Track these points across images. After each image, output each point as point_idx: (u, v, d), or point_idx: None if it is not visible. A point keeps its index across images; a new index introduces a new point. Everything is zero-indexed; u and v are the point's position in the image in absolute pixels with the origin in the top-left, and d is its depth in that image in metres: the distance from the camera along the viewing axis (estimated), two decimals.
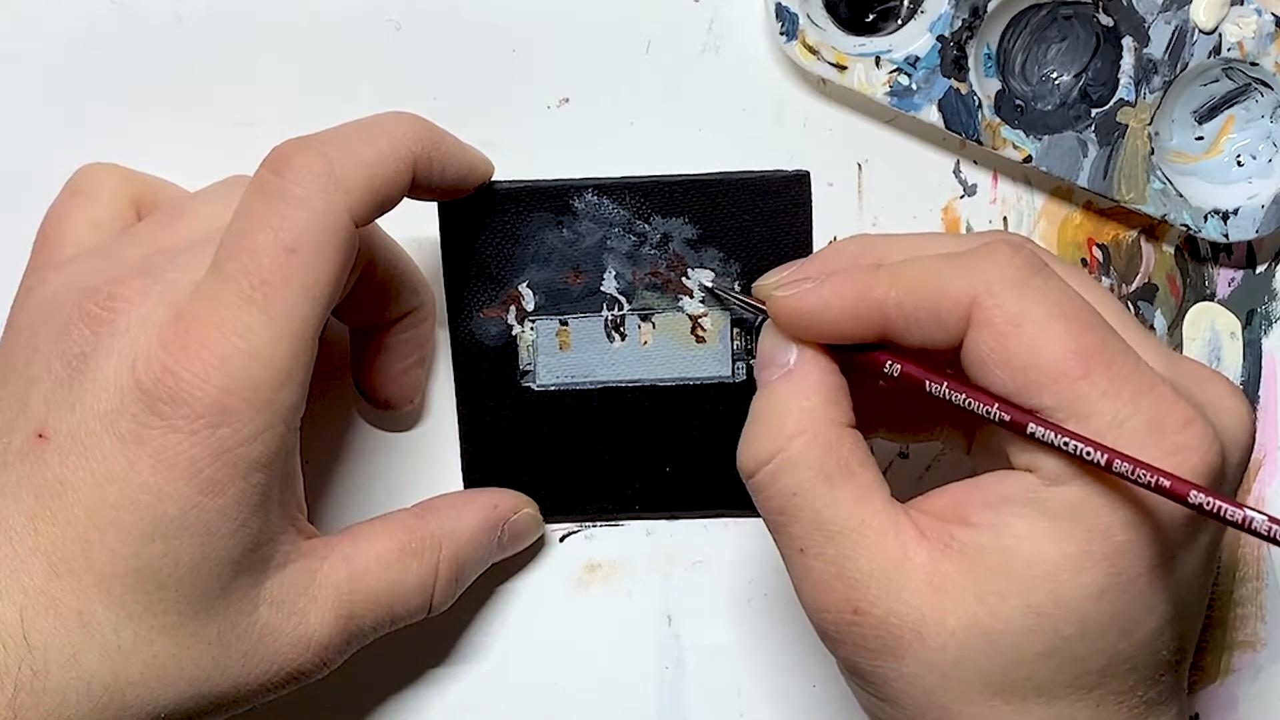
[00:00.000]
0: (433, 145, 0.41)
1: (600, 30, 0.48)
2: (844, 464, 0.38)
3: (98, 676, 0.37)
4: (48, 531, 0.37)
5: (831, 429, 0.38)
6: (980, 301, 0.37)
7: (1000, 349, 0.36)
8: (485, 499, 0.46)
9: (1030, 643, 0.36)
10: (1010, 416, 0.36)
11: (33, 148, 0.48)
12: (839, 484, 0.38)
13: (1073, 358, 0.36)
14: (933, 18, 0.47)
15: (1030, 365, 0.36)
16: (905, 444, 0.49)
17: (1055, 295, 0.37)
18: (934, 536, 0.37)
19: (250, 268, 0.37)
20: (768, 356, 0.40)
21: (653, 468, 0.48)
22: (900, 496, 0.39)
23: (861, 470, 0.38)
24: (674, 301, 0.46)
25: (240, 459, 0.37)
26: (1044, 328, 0.36)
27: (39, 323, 0.40)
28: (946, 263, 0.38)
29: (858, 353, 0.39)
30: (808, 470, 0.38)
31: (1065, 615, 0.36)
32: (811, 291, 0.39)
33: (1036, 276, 0.37)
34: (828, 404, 0.39)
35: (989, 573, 0.36)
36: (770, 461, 0.38)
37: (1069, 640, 0.36)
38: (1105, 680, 0.37)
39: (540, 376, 0.47)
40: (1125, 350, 0.36)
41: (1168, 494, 0.34)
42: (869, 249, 0.40)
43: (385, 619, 0.42)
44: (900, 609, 0.37)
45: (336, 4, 0.48)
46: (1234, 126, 0.48)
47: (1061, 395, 0.36)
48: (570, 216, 0.46)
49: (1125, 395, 0.36)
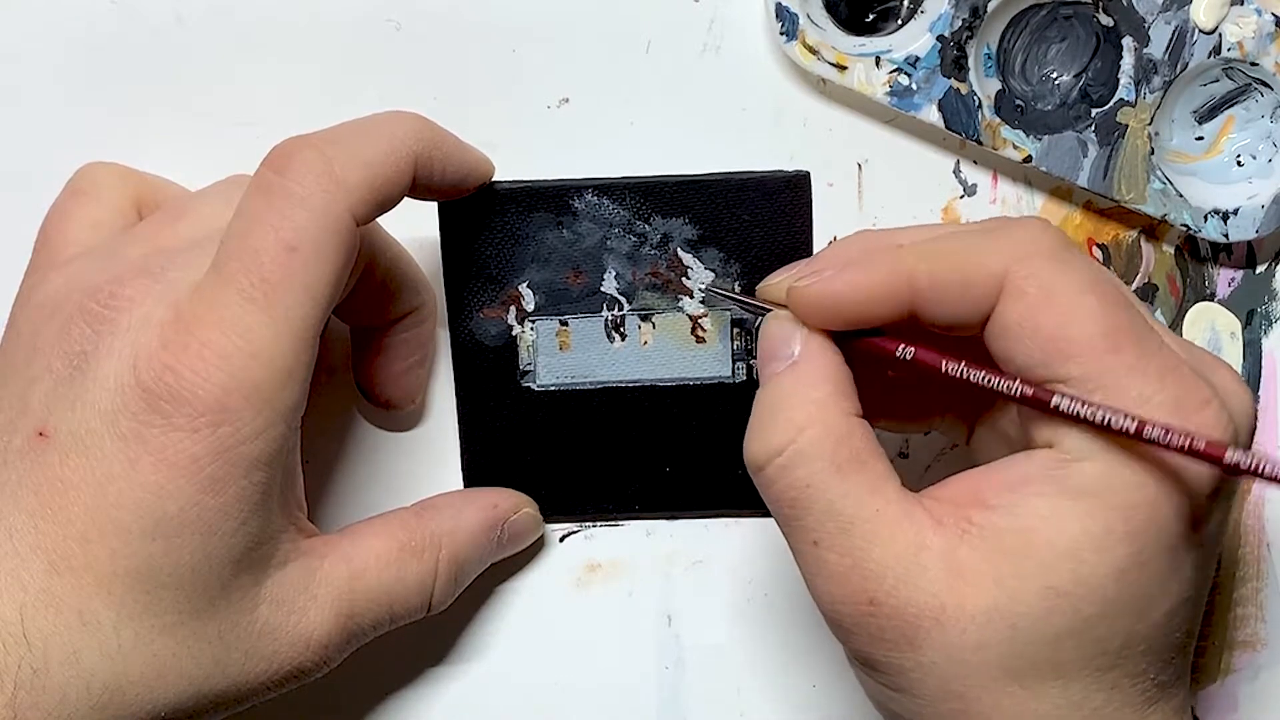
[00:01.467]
0: (433, 145, 0.41)
1: (600, 30, 0.48)
2: (856, 454, 0.38)
3: (98, 675, 0.37)
4: (48, 530, 0.37)
5: (842, 420, 0.38)
6: (1014, 272, 0.37)
7: (1031, 319, 0.36)
8: (485, 498, 0.46)
9: (1051, 624, 0.36)
10: (1033, 392, 0.36)
11: (33, 148, 0.48)
12: (851, 475, 0.38)
13: (1104, 332, 0.36)
14: (933, 18, 0.47)
15: (1061, 336, 0.36)
16: (905, 435, 0.49)
17: (1088, 271, 0.37)
18: (950, 522, 0.37)
19: (251, 267, 0.37)
20: (771, 350, 0.40)
21: (653, 468, 0.48)
22: None
23: (873, 460, 0.38)
24: (674, 302, 0.46)
25: (241, 457, 0.37)
26: (1077, 301, 0.36)
27: (40, 322, 0.40)
28: (977, 235, 0.38)
29: (868, 338, 0.39)
30: (820, 462, 0.38)
31: (1086, 595, 0.36)
32: (836, 276, 0.39)
33: (1069, 251, 0.37)
34: (836, 395, 0.38)
35: (1009, 555, 0.36)
36: (781, 454, 0.38)
37: (1089, 621, 0.36)
38: (1121, 662, 0.37)
39: (540, 376, 0.47)
40: (1151, 330, 0.37)
41: (1203, 456, 0.35)
42: (875, 240, 0.40)
43: (385, 617, 0.42)
44: (918, 597, 0.37)
45: (336, 4, 0.48)
46: (1234, 126, 0.48)
47: (1089, 367, 0.36)
48: (570, 217, 0.46)
49: (1152, 373, 0.36)
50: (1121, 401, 0.36)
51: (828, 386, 0.39)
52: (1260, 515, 0.50)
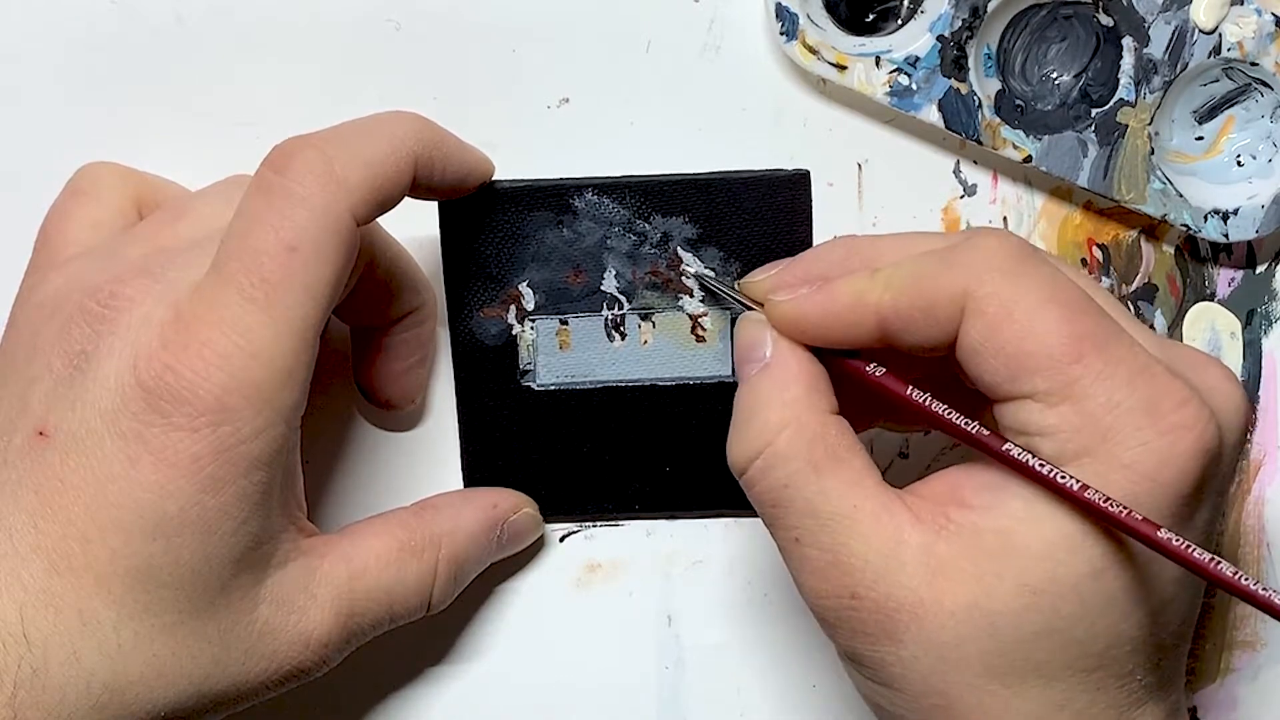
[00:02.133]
0: (434, 145, 0.41)
1: (600, 30, 0.48)
2: (831, 451, 0.38)
3: (97, 674, 0.37)
4: (48, 529, 0.37)
5: (815, 418, 0.39)
6: (972, 292, 0.37)
7: (993, 337, 0.36)
8: (485, 498, 0.46)
9: (1029, 623, 0.36)
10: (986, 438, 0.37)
11: (33, 148, 0.48)
12: (828, 472, 0.38)
13: (1067, 342, 0.36)
14: (933, 18, 0.47)
15: (1024, 351, 0.36)
16: (906, 435, 0.49)
17: (1048, 280, 0.37)
18: (929, 519, 0.37)
19: (251, 267, 0.37)
20: (745, 352, 0.41)
21: (653, 467, 0.48)
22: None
23: (850, 456, 0.38)
24: (674, 301, 0.46)
25: (241, 457, 0.37)
26: (1037, 313, 0.36)
27: (40, 321, 0.40)
28: (936, 259, 0.38)
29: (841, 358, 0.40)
30: (796, 461, 0.38)
31: (1063, 594, 0.36)
32: (808, 298, 0.39)
33: (1027, 262, 0.37)
34: (809, 393, 0.39)
35: (986, 554, 0.36)
36: (759, 457, 0.39)
37: (1068, 620, 0.36)
38: (1105, 663, 0.37)
39: (540, 376, 0.47)
40: (1119, 333, 0.37)
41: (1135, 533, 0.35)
42: (856, 250, 0.40)
43: (384, 617, 0.42)
44: (897, 592, 0.37)
45: (336, 4, 0.48)
46: (1234, 126, 0.48)
47: (1056, 379, 0.36)
48: (570, 216, 0.46)
49: (1120, 377, 0.36)
50: (1092, 409, 0.36)
51: (799, 386, 0.39)
52: (1260, 515, 0.50)
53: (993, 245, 0.37)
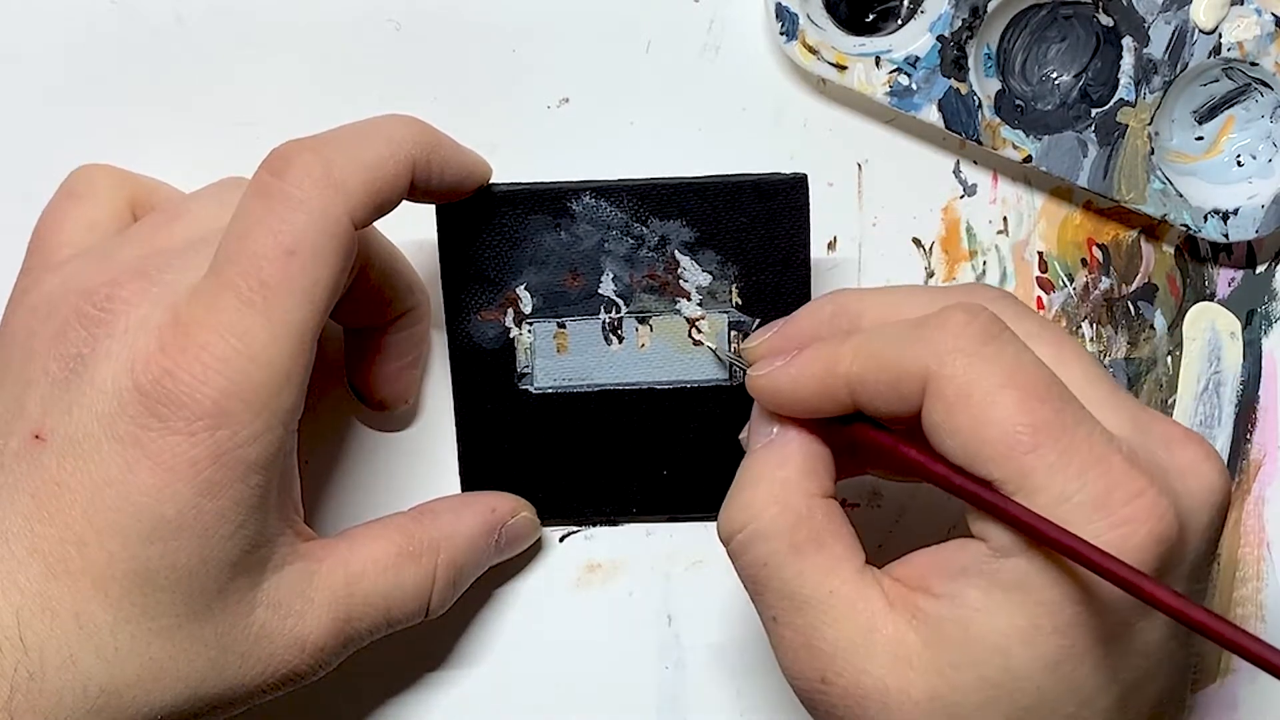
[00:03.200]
0: (431, 148, 0.41)
1: (600, 30, 0.48)
2: (814, 536, 0.38)
3: (94, 678, 0.37)
4: (45, 533, 0.37)
5: (803, 500, 0.39)
6: (934, 372, 0.36)
7: (949, 421, 0.36)
8: (483, 502, 0.46)
9: (989, 715, 0.36)
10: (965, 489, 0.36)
11: (33, 148, 0.48)
12: (808, 555, 0.38)
13: (1020, 430, 0.35)
14: (933, 18, 0.47)
15: (979, 438, 0.36)
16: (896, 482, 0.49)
17: (1008, 363, 0.36)
18: (901, 607, 0.37)
19: (250, 270, 0.37)
20: (756, 425, 0.41)
21: (650, 471, 0.48)
22: (870, 544, 0.39)
23: (833, 541, 0.38)
24: (671, 304, 0.46)
25: (239, 461, 0.37)
26: (993, 398, 0.36)
27: (35, 324, 0.40)
28: (903, 334, 0.38)
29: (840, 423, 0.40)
30: (777, 541, 0.38)
31: (1019, 687, 0.36)
32: (782, 371, 0.39)
33: (990, 344, 0.36)
34: (803, 474, 0.39)
35: (948, 644, 0.36)
36: (742, 531, 0.39)
37: (1027, 711, 0.36)
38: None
39: (538, 379, 0.47)
40: (1080, 420, 0.36)
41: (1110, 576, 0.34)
42: (844, 309, 0.40)
43: (382, 622, 0.42)
44: (865, 681, 0.37)
45: (336, 4, 0.48)
46: (1234, 126, 0.48)
47: (1009, 469, 0.35)
48: (568, 219, 0.46)
49: (1073, 469, 0.35)
50: (1043, 502, 0.35)
51: (794, 466, 0.39)
52: (1260, 515, 0.50)
53: (959, 322, 0.37)
